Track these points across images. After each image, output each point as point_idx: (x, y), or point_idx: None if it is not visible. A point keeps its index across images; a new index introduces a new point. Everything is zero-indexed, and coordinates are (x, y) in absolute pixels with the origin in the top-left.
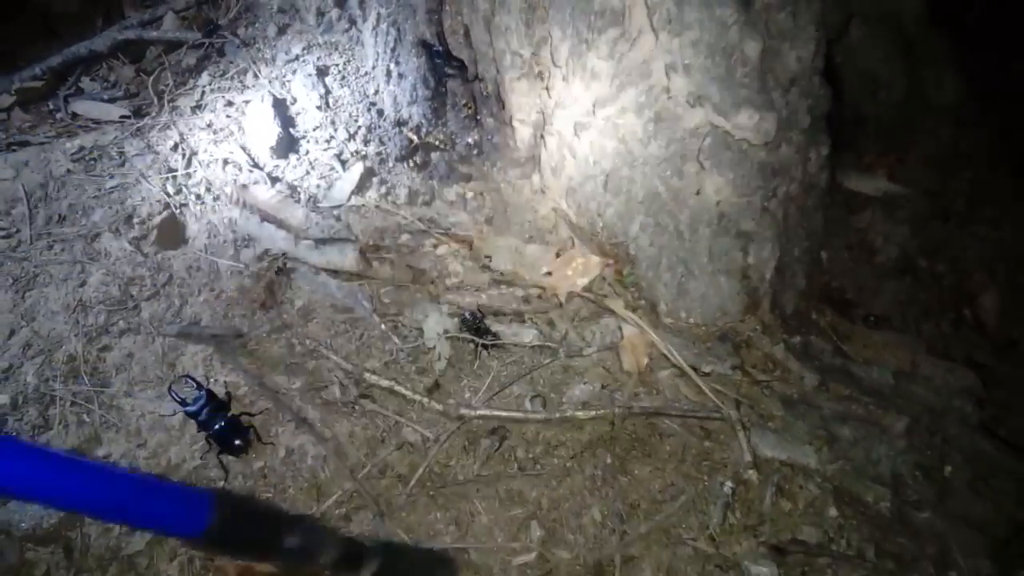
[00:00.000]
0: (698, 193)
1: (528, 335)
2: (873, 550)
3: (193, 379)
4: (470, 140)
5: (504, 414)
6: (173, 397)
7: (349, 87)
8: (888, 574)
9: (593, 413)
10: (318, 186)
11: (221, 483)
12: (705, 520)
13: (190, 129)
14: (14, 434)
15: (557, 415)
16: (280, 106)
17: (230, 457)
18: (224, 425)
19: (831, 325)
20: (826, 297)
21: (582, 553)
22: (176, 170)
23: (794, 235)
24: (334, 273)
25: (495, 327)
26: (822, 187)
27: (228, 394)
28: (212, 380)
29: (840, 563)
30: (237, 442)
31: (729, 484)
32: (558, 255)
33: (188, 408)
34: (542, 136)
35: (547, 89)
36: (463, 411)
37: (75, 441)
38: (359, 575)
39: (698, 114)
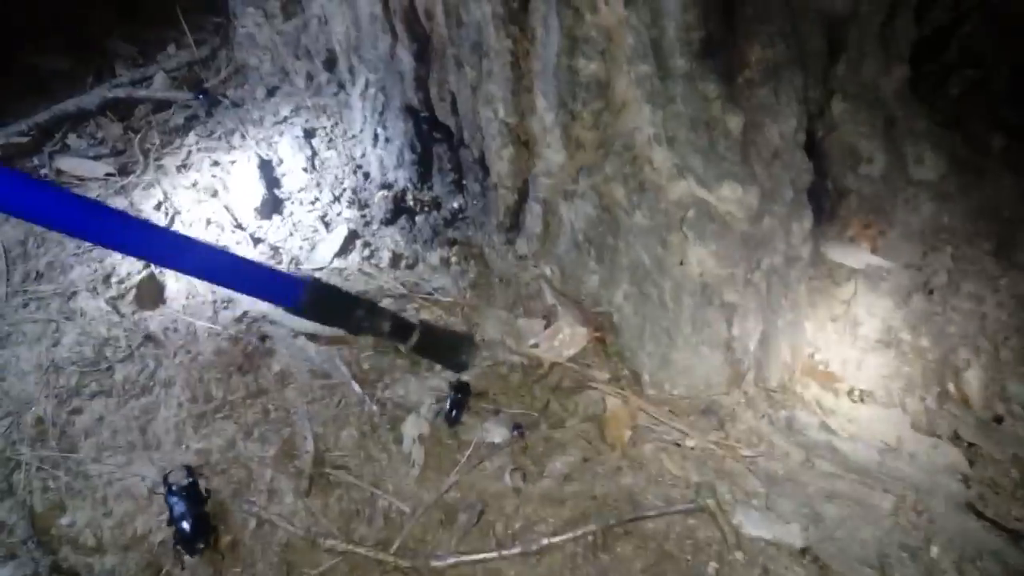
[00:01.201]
0: (682, 263)
1: (500, 435)
2: None
3: (190, 470)
4: (455, 204)
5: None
6: (164, 482)
7: (336, 149)
8: None
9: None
10: (301, 247)
11: None
12: None
13: (174, 188)
14: None
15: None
16: (266, 167)
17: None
18: (189, 524)
19: (816, 399)
20: (810, 370)
21: None
22: None
23: (777, 307)
24: (313, 337)
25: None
26: (805, 259)
27: (208, 491)
28: (185, 447)
29: None
30: (197, 543)
31: (713, 565)
32: (546, 327)
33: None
34: (527, 202)
35: (532, 157)
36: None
37: (40, 507)
38: (407, 343)
39: (682, 185)
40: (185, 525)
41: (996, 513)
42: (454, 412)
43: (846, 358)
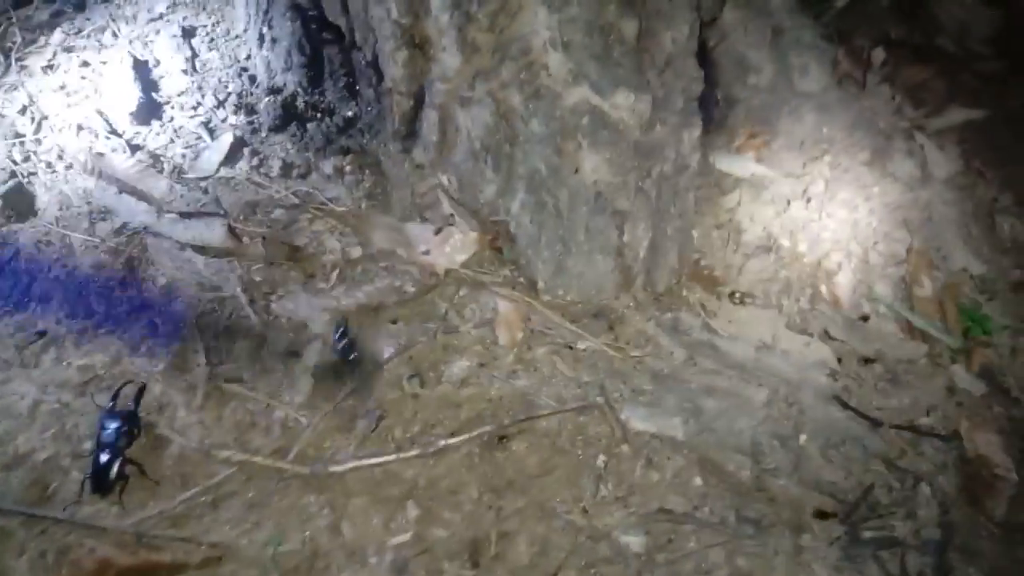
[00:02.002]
0: (576, 172)
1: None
2: (734, 516)
3: (139, 395)
4: (348, 111)
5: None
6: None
7: (218, 50)
8: (747, 539)
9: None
10: (183, 156)
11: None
12: (579, 493)
13: (40, 91)
14: None
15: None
16: (141, 68)
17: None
18: (105, 461)
19: (700, 302)
20: (696, 275)
21: (459, 531)
22: (24, 135)
23: (666, 214)
24: (201, 249)
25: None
26: (694, 168)
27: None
28: (67, 364)
29: (703, 530)
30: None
31: (602, 457)
32: (437, 232)
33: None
34: (423, 109)
35: (427, 60)
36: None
37: None
38: None
39: (577, 92)
40: (105, 462)
41: (859, 404)
42: (346, 351)
43: (729, 263)
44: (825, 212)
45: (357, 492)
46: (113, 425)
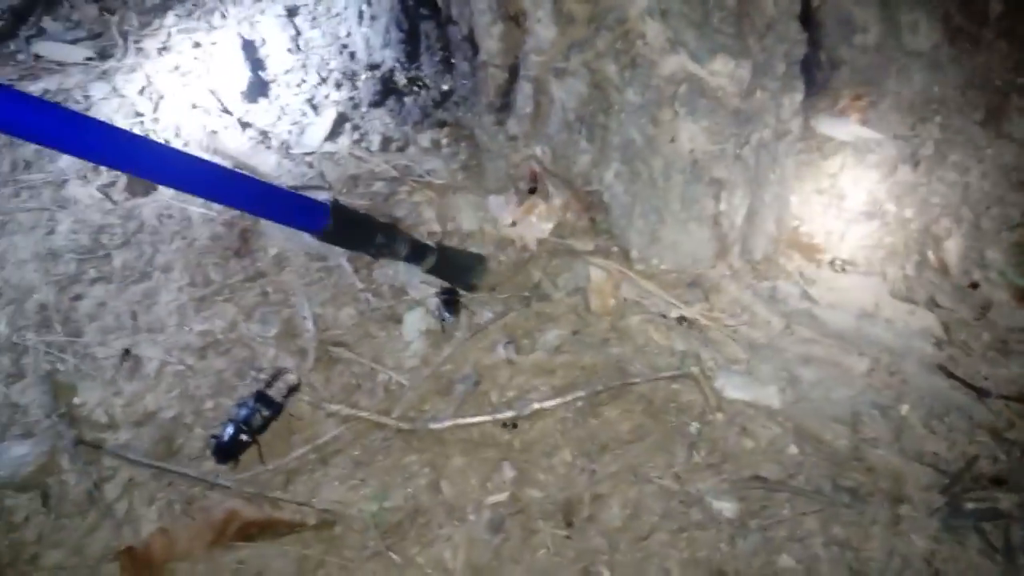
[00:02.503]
0: (672, 140)
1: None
2: (830, 485)
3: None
4: (445, 85)
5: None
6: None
7: (320, 28)
8: (843, 507)
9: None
10: (290, 132)
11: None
12: (671, 459)
13: (157, 72)
14: None
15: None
16: (249, 48)
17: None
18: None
19: (799, 270)
20: (795, 242)
21: (553, 492)
22: (143, 115)
23: (765, 181)
24: None
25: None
26: (795, 133)
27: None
28: (188, 329)
29: (798, 497)
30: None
31: (695, 424)
32: (520, 204)
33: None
34: (517, 81)
35: (523, 33)
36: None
37: (49, 389)
38: (423, 264)
39: (674, 60)
40: (238, 439)
41: (966, 374)
42: (446, 313)
43: (830, 229)
44: (934, 175)
45: (456, 453)
46: (263, 410)
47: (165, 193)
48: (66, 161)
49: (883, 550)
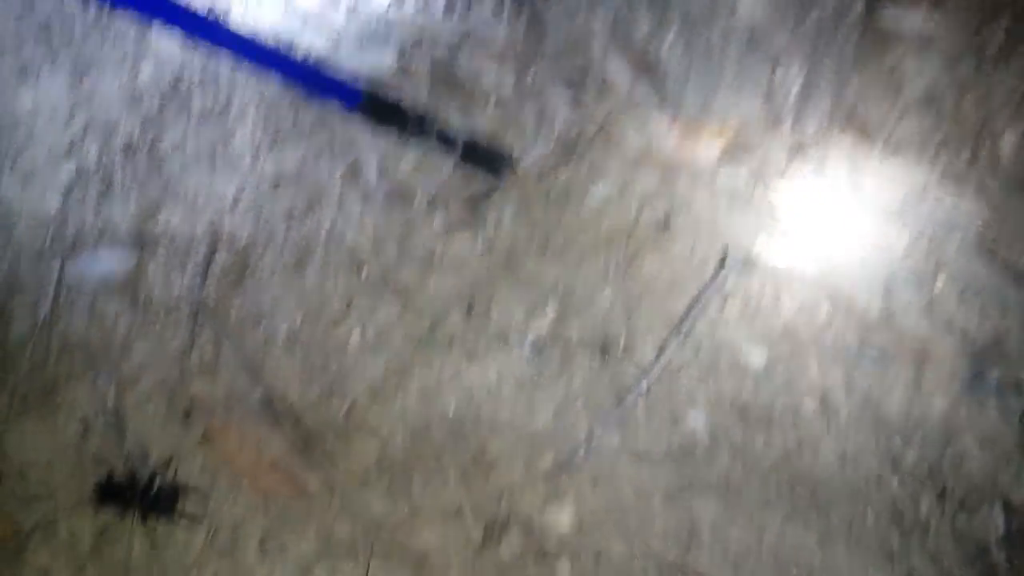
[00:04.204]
0: (732, 10)
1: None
2: (857, 345)
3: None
4: None
5: None
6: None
7: None
8: (869, 364)
9: None
10: None
11: None
12: (705, 311)
13: None
14: (80, 202)
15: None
16: None
17: None
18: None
19: (850, 149)
20: (848, 124)
21: (591, 329)
22: None
23: (824, 58)
24: (369, 79)
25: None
26: (858, 14)
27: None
28: (262, 167)
29: (826, 353)
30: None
31: (731, 279)
32: (687, 125)
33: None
34: None
35: None
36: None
37: (135, 210)
38: (452, 152)
39: None
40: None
41: (1007, 259)
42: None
43: (886, 115)
44: (996, 76)
45: (503, 288)
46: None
47: None
48: None
49: (903, 406)
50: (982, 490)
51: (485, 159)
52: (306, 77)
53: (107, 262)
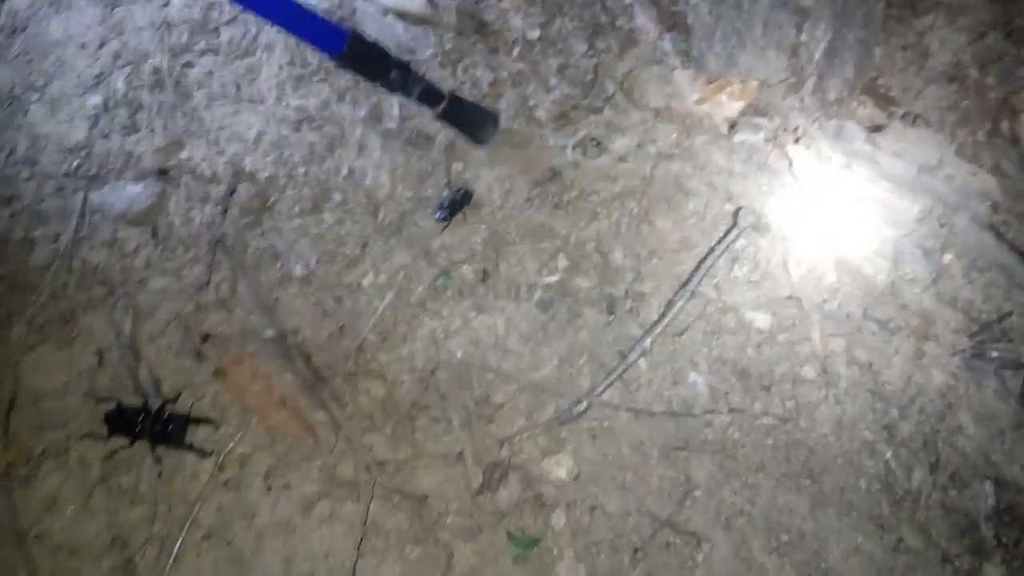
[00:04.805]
0: None
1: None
2: (861, 314)
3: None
4: None
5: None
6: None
7: None
8: (871, 335)
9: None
10: None
11: None
12: (713, 271)
13: None
14: (106, 133)
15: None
16: None
17: None
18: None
19: (869, 116)
20: (870, 91)
21: (599, 285)
22: None
23: (851, 22)
24: (401, 16)
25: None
26: None
27: None
28: (286, 104)
29: (828, 320)
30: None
31: (741, 242)
32: (709, 82)
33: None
34: None
35: None
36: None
37: (160, 143)
38: (435, 109)
39: None
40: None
41: (1015, 239)
42: (446, 212)
43: (908, 85)
44: (1022, 51)
45: (516, 240)
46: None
47: None
48: None
49: (902, 378)
50: (974, 465)
51: (469, 119)
52: (289, 18)
53: (130, 194)
